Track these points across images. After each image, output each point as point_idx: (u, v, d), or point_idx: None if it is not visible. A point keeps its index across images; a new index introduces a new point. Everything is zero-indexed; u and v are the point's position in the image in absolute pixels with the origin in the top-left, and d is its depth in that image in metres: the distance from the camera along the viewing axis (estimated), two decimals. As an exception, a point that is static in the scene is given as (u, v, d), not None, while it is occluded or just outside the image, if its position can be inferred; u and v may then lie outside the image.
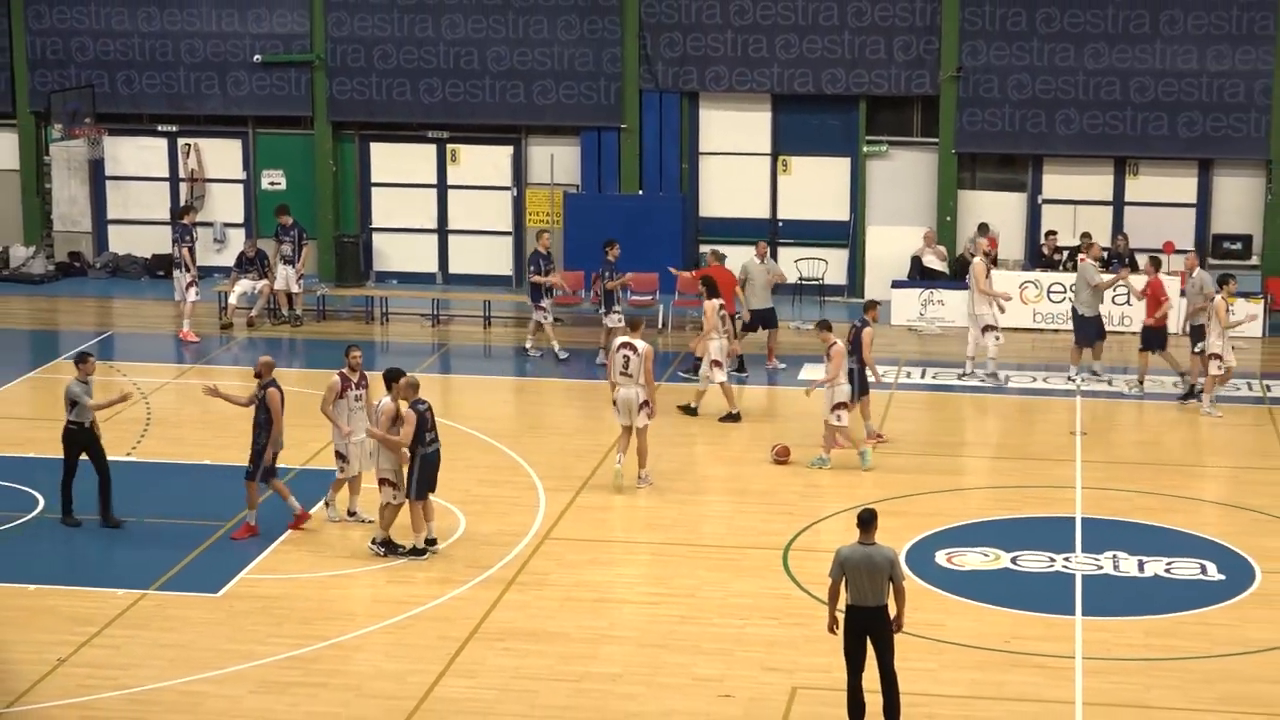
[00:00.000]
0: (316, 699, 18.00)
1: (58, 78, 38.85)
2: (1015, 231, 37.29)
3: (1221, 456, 27.28)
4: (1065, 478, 25.67)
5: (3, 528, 23.08)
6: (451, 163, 38.99)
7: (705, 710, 17.78)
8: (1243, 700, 18.13)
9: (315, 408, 23.56)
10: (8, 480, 24.91)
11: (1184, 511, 24.15)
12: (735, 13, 36.99)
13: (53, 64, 39.07)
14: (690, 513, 24.25)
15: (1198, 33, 35.83)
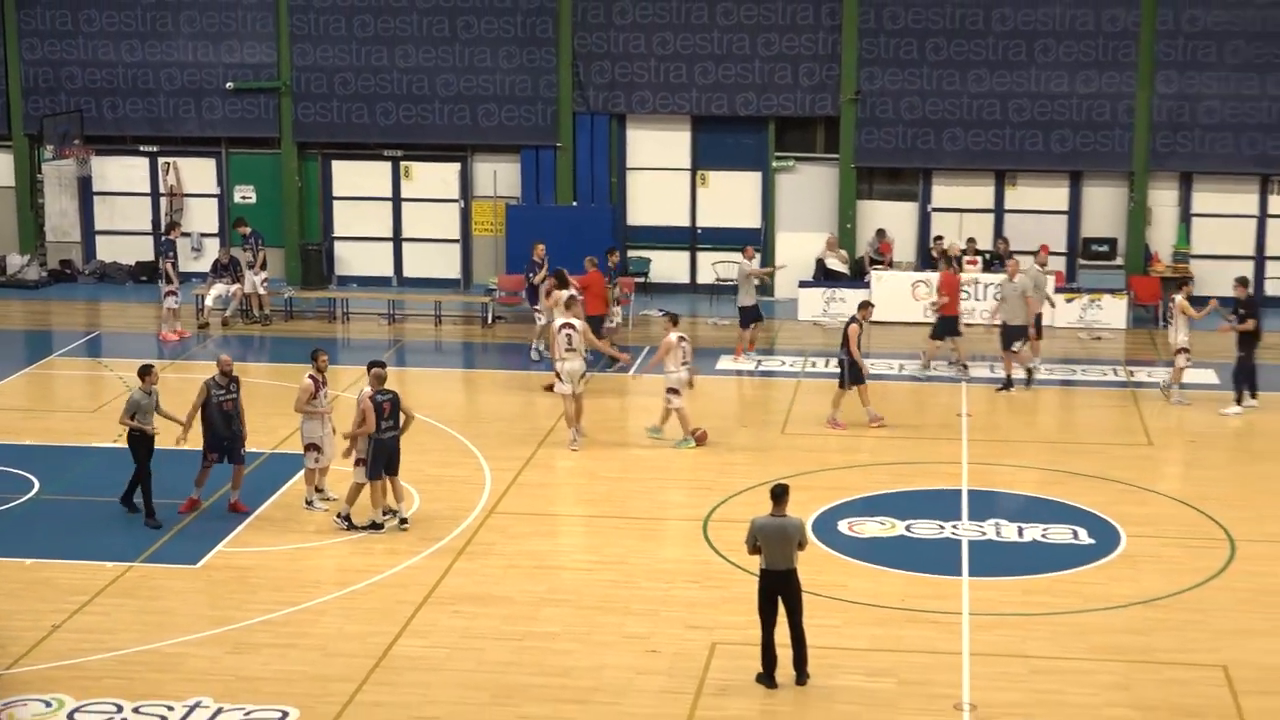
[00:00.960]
0: (286, 658, 17.95)
1: (49, 103, 38.57)
2: (908, 237, 37.40)
3: (1091, 434, 27.41)
4: (953, 454, 25.77)
5: (2, 508, 22.93)
6: (405, 178, 38.87)
7: (634, 664, 17.78)
8: (1110, 650, 18.25)
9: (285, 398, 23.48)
10: (6, 465, 24.71)
11: (1058, 483, 24.27)
12: (658, 44, 37.01)
13: (45, 91, 38.79)
14: (620, 489, 24.26)
15: (1068, 60, 36.02)
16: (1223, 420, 27.85)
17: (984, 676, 17.49)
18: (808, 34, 36.65)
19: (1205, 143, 36.07)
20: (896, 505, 23.18)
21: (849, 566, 20.76)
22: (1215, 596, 19.88)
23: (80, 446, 26.11)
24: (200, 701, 16.78)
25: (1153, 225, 36.66)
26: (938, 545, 21.68)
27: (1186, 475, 24.80)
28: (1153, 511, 23.04)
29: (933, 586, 20.17)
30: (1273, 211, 36.64)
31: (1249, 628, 18.90)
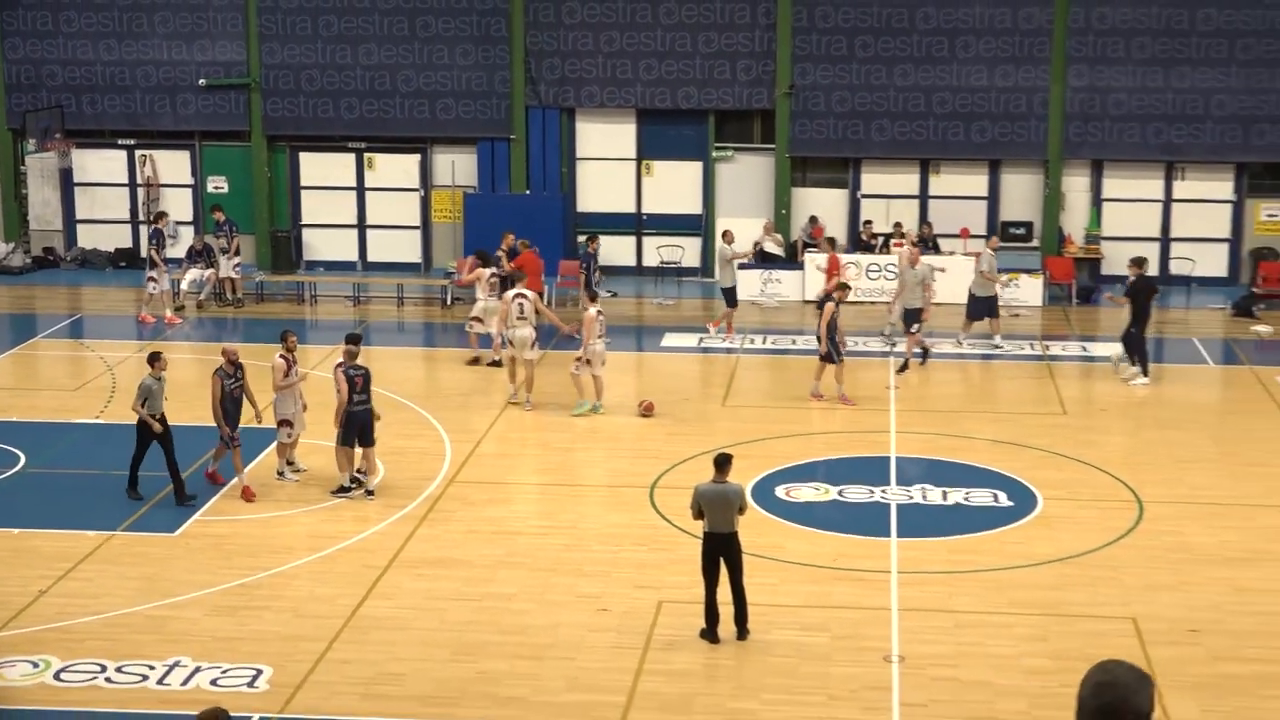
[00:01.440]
0: (261, 619, 17.92)
1: (31, 100, 38.27)
2: (839, 222, 37.45)
3: (1010, 405, 27.56)
4: (881, 424, 25.88)
5: (-9, 481, 22.87)
6: (368, 169, 38.73)
7: (586, 622, 17.82)
8: (1028, 604, 18.38)
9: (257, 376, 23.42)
10: (-6, 441, 24.65)
11: (979, 450, 24.40)
12: (605, 42, 36.95)
13: (27, 88, 38.48)
14: (572, 459, 24.30)
15: (987, 55, 36.13)
16: (1131, 390, 28.03)
17: (911, 630, 17.59)
18: (745, 32, 36.67)
19: (1114, 132, 36.25)
20: (829, 472, 23.30)
21: (785, 529, 20.84)
22: (1125, 554, 20.03)
23: (63, 423, 26.00)
24: (179, 661, 16.75)
25: (1066, 210, 36.85)
26: (868, 509, 21.79)
27: (1098, 442, 24.95)
28: (1067, 476, 23.19)
29: (863, 547, 20.27)
30: (1177, 196, 36.86)
31: (1156, 583, 19.05)
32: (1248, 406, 27.19)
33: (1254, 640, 17.44)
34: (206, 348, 31.11)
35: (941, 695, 16.06)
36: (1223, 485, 22.92)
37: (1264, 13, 35.34)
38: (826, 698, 16.01)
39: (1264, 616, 18.08)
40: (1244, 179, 36.69)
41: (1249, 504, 22.02)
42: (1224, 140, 36.04)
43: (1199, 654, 17.06)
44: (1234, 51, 35.58)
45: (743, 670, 16.67)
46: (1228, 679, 16.51)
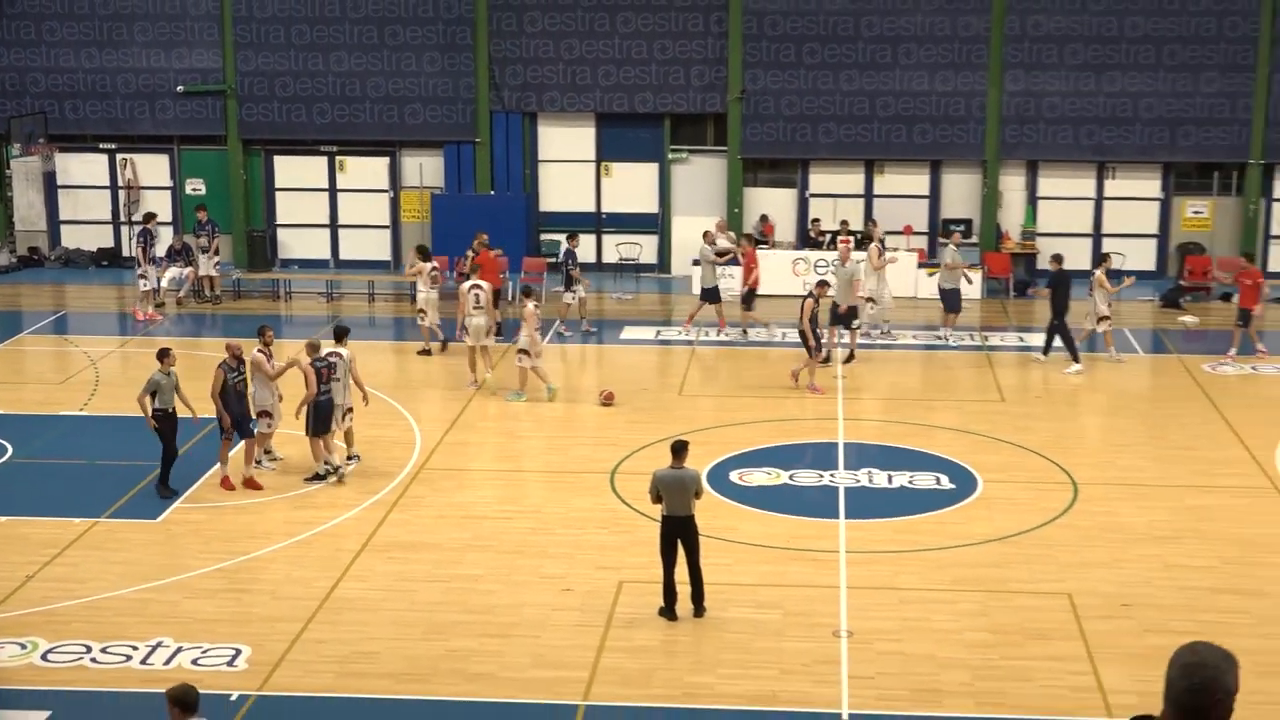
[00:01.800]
0: (239, 601, 17.86)
1: (15, 106, 38.00)
2: (788, 220, 37.50)
3: (951, 392, 27.64)
4: (830, 411, 25.92)
5: (-21, 471, 22.72)
6: (340, 171, 38.60)
7: (551, 602, 17.80)
8: (969, 581, 18.44)
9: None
10: (-18, 433, 24.48)
11: (922, 436, 24.47)
12: (565, 49, 36.90)
13: (11, 95, 38.20)
14: (536, 446, 24.27)
15: (928, 62, 36.22)
16: (1065, 377, 28.14)
17: (859, 607, 17.62)
18: (698, 40, 36.66)
19: (1049, 134, 36.39)
20: (781, 457, 23.30)
21: (739, 512, 20.86)
22: (1060, 533, 20.11)
23: (49, 415, 25.83)
24: (161, 641, 16.67)
25: (1003, 207, 36.98)
26: (817, 492, 21.82)
27: (1034, 427, 25.04)
28: (1005, 459, 23.27)
29: (813, 528, 20.30)
30: (1108, 195, 37.03)
31: (1090, 560, 19.14)
32: (1175, 393, 27.33)
33: (1182, 613, 17.54)
34: (187, 342, 30.92)
35: (888, 668, 16.10)
36: (1152, 468, 23.04)
37: (1189, 20, 35.51)
38: (779, 671, 16.03)
39: (1191, 591, 18.18)
40: (1171, 178, 36.88)
41: (1177, 485, 22.15)
42: (1152, 141, 36.21)
43: (1131, 627, 17.15)
44: (1161, 57, 35.75)
45: (700, 646, 16.67)
46: (1158, 650, 16.55)
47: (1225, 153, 36.28)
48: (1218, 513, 20.91)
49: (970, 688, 15.73)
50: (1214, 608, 17.71)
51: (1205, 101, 35.87)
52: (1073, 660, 16.32)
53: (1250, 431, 24.65)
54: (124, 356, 30.16)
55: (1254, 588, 18.32)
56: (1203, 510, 21.01)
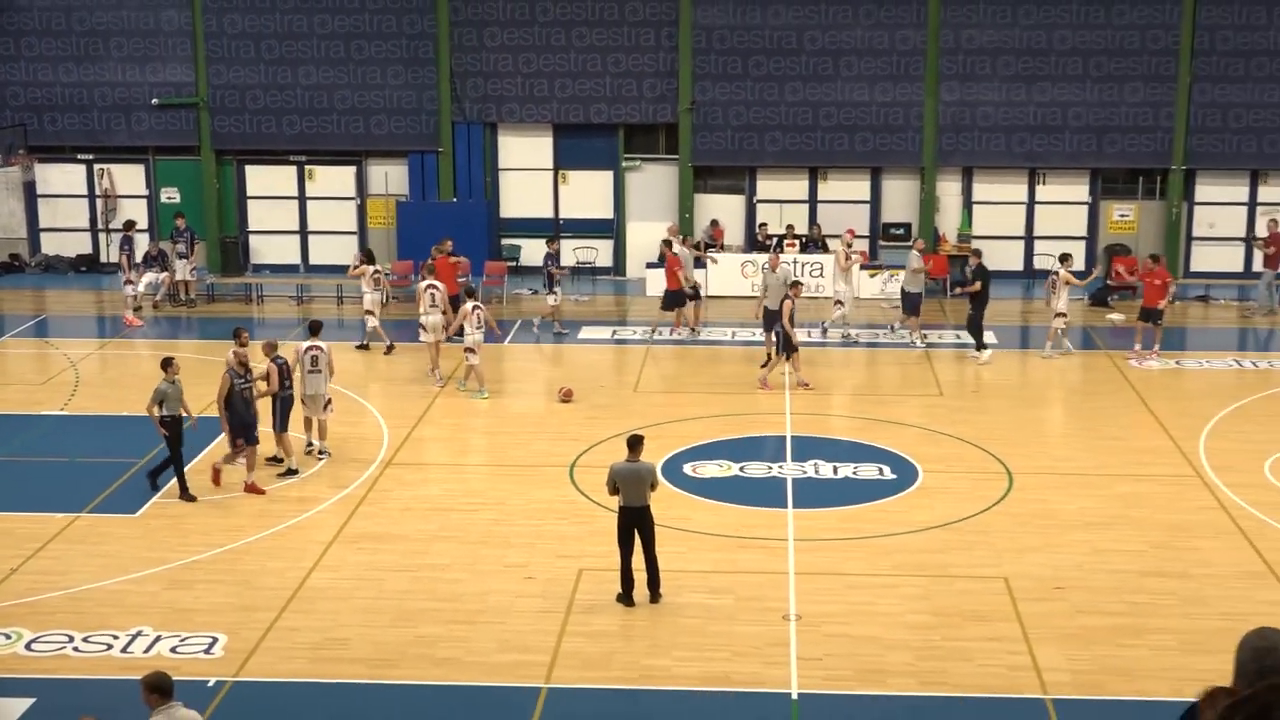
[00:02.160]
0: (215, 591, 17.79)
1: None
2: (737, 224, 37.53)
3: (892, 387, 27.73)
4: (778, 407, 25.97)
5: (-36, 469, 22.53)
6: (309, 180, 38.44)
7: (514, 589, 17.81)
8: (910, 566, 18.53)
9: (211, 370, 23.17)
10: (-34, 432, 24.28)
11: (866, 429, 24.54)
12: (524, 63, 36.84)
13: (-8, 108, 37.96)
14: (498, 441, 24.23)
15: (868, 74, 36.31)
16: (1002, 373, 28.28)
17: (807, 592, 17.68)
18: (650, 54, 36.67)
19: (983, 142, 36.54)
20: (732, 450, 23.34)
21: (693, 502, 20.89)
22: (997, 520, 20.22)
23: (30, 414, 25.64)
24: (141, 630, 16.59)
25: (940, 212, 37.11)
26: (766, 483, 21.85)
27: (971, 420, 25.16)
28: (944, 451, 23.36)
29: (763, 517, 20.35)
30: (1039, 199, 37.21)
31: (1025, 545, 19.24)
32: (1104, 387, 27.49)
33: (1111, 595, 17.66)
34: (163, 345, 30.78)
35: (835, 650, 16.16)
36: (1082, 457, 23.18)
37: (1114, 33, 35.71)
38: (731, 654, 16.06)
39: (1120, 574, 18.31)
40: (1098, 183, 37.09)
41: (1106, 474, 22.29)
42: (1080, 149, 36.41)
43: (1063, 608, 17.25)
44: (1088, 69, 35.95)
45: (656, 630, 16.69)
46: (1089, 630, 16.71)
47: (1149, 159, 36.50)
48: (1145, 500, 21.06)
49: (913, 667, 15.80)
50: (1142, 590, 17.84)
51: (1130, 110, 36.08)
52: (1009, 640, 16.41)
53: (1175, 423, 24.83)
54: (102, 358, 29.97)
55: (1180, 570, 18.46)
56: (1131, 498, 21.15)
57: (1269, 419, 25.11)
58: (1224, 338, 32.14)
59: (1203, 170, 36.64)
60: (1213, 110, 36.01)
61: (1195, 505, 20.87)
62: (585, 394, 26.57)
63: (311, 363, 22.96)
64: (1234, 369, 28.96)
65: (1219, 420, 25.01)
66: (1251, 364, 29.27)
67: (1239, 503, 20.87)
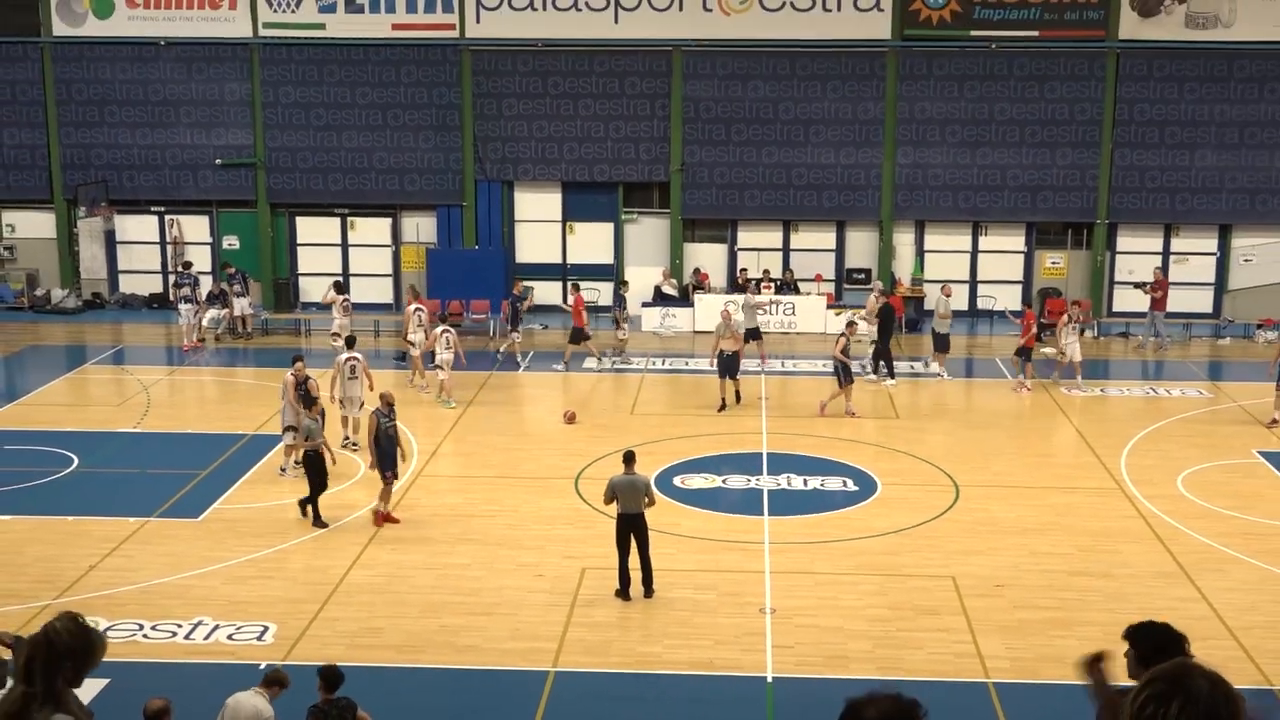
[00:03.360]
0: (268, 586, 17.70)
1: (81, 176, 37.65)
2: (720, 269, 37.53)
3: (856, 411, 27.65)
4: (755, 427, 25.92)
5: (52, 478, 22.41)
6: (350, 230, 38.40)
7: (527, 585, 17.74)
8: (870, 567, 18.45)
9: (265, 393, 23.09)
10: (53, 446, 24.14)
11: (832, 447, 24.48)
12: (537, 129, 36.87)
13: (78, 167, 37.85)
14: (512, 457, 24.14)
15: (834, 140, 36.34)
16: (951, 399, 28.23)
17: (781, 588, 17.61)
18: (646, 122, 36.69)
19: (933, 199, 36.55)
20: (715, 465, 23.28)
21: (681, 510, 20.82)
22: (945, 527, 20.16)
23: (108, 431, 25.56)
24: (202, 620, 16.52)
25: (897, 258, 37.10)
26: (745, 493, 21.81)
27: (923, 440, 25.11)
28: (900, 466, 23.31)
29: (742, 523, 20.29)
30: (982, 248, 37.20)
31: (970, 549, 19.18)
32: (1039, 411, 27.43)
33: (1045, 593, 17.60)
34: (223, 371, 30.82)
35: (805, 639, 16.08)
36: (1020, 472, 23.14)
37: (1046, 105, 35.75)
38: (714, 642, 15.99)
39: (1053, 574, 18.25)
40: (1033, 234, 37.07)
41: (1041, 486, 22.25)
42: (1017, 205, 36.42)
43: (1003, 604, 17.19)
44: (1024, 136, 35.98)
45: (649, 622, 16.61)
46: (1025, 623, 16.64)
47: (1077, 214, 36.50)
48: (1075, 509, 21.01)
49: (872, 654, 15.73)
50: (1071, 588, 17.78)
51: (1061, 172, 36.11)
52: (956, 631, 16.34)
53: (1100, 443, 24.78)
54: (171, 384, 29.89)
55: (1104, 570, 18.40)
56: (1062, 507, 21.10)
57: (1182, 439, 25.07)
58: (1142, 368, 32.09)
59: (1123, 224, 36.66)
60: (1131, 172, 36.05)
61: (1117, 514, 20.82)
62: (588, 416, 26.51)
63: (350, 371, 23.97)
64: (1150, 396, 28.92)
65: (1138, 440, 24.97)
66: (1165, 391, 29.22)
67: (1155, 512, 20.82)
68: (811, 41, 35.93)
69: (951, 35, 35.80)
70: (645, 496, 17.16)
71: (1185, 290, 36.60)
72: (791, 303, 35.20)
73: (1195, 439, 25.09)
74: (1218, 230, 36.60)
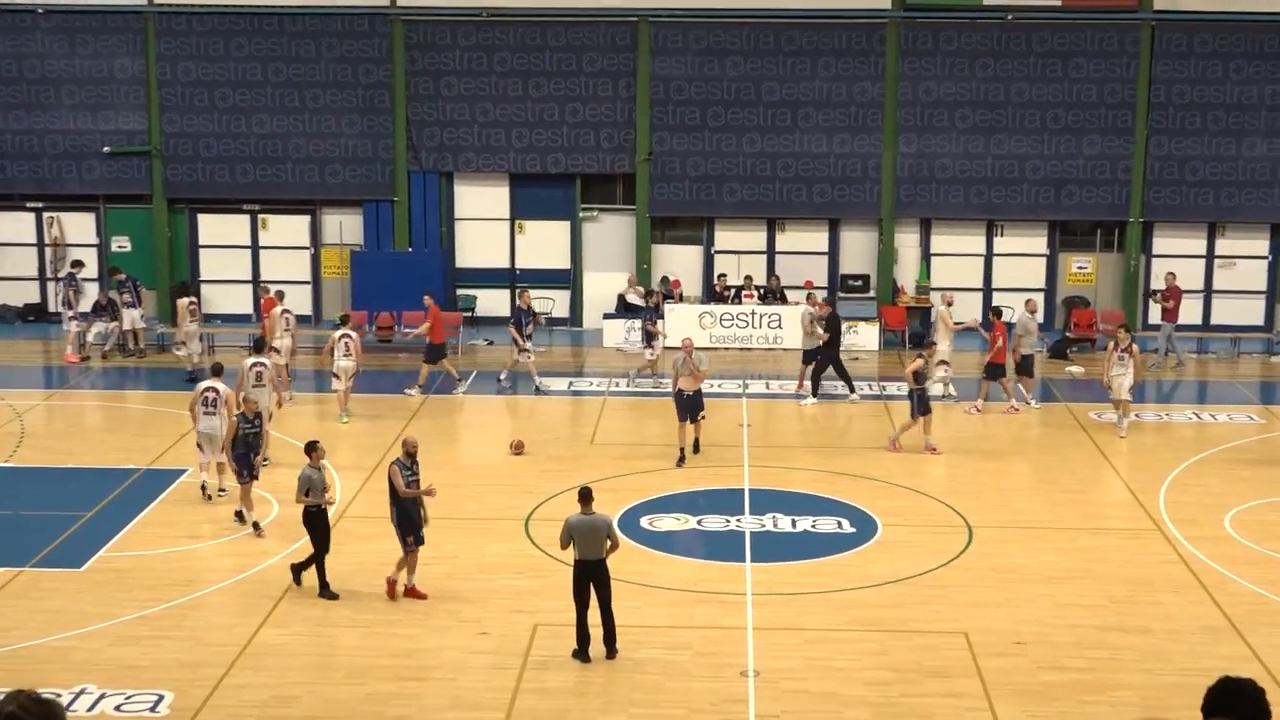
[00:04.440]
0: (162, 648, 17.54)
1: (-55, 166, 37.50)
2: (695, 276, 37.59)
3: (852, 439, 27.71)
4: (736, 459, 25.90)
5: (-95, 522, 22.18)
6: (262, 229, 38.29)
7: (468, 645, 17.64)
8: (868, 621, 18.44)
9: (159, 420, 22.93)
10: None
11: (825, 482, 24.48)
12: (480, 112, 36.87)
13: (-60, 155, 37.70)
14: (452, 494, 23.98)
15: (826, 125, 36.48)
16: (962, 425, 28.29)
17: (765, 647, 17.57)
18: (607, 104, 36.74)
19: (941, 194, 36.73)
20: (689, 503, 23.24)
21: (650, 556, 20.77)
22: (956, 575, 20.17)
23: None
24: (85, 688, 16.34)
25: (899, 263, 37.25)
26: (724, 536, 21.76)
27: (930, 473, 25.14)
28: (904, 504, 23.33)
29: (720, 571, 20.25)
30: (998, 251, 37.39)
31: (984, 600, 19.19)
32: (1064, 439, 27.52)
33: (1073, 651, 17.61)
34: (110, 395, 30.58)
35: (793, 706, 16.04)
36: (1043, 511, 23.19)
37: (1071, 86, 36.00)
38: (688, 711, 15.93)
39: (1081, 629, 18.27)
40: (1057, 235, 37.32)
41: (1067, 527, 22.30)
42: (1038, 201, 36.64)
43: (1024, 664, 17.19)
44: (1045, 121, 36.22)
45: (612, 687, 16.54)
46: (1050, 686, 16.65)
47: (1107, 211, 36.76)
48: (1106, 553, 21.06)
49: (872, 724, 15.69)
50: (1103, 645, 17.80)
51: (1088, 163, 36.35)
52: (969, 697, 16.32)
53: (1135, 476, 24.88)
54: (49, 410, 29.65)
55: (1140, 625, 18.44)
56: (1092, 551, 21.15)
57: (1229, 472, 25.20)
58: (1183, 391, 32.27)
59: (1160, 223, 36.91)
60: (1169, 163, 36.32)
61: (1156, 559, 20.88)
62: (540, 446, 26.44)
63: (256, 378, 24.72)
64: (1193, 422, 29.07)
65: (1179, 473, 25.08)
66: (1211, 417, 29.38)
67: (1200, 556, 20.89)
68: (800, 11, 36.11)
69: (962, 4, 36.01)
70: (607, 540, 17.10)
71: (1232, 300, 36.92)
72: (777, 314, 35.28)
73: (1245, 472, 25.22)
74: (1269, 230, 36.91)
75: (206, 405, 23.12)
